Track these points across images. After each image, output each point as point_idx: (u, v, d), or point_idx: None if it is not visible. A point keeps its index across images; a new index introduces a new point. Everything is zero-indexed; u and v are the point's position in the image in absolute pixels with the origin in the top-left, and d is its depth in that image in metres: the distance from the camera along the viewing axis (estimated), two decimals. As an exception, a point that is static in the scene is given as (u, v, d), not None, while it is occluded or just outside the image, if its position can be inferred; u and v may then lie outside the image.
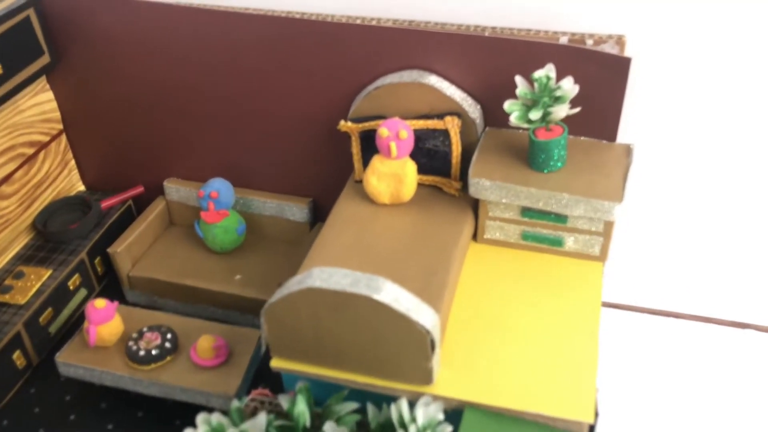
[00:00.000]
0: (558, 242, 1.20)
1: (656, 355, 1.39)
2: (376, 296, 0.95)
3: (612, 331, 1.44)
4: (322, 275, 0.98)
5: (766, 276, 1.41)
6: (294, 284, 1.00)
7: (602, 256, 1.19)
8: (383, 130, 1.18)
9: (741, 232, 1.36)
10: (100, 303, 1.28)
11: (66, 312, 1.44)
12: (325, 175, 1.45)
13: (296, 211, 1.49)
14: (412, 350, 0.98)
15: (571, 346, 1.06)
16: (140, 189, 1.62)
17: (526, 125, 1.12)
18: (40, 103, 1.51)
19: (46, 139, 1.54)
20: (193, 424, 1.01)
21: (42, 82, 1.50)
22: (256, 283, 1.43)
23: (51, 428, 1.29)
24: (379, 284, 0.96)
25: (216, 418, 0.98)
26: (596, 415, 1.02)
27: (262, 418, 1.01)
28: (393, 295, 0.96)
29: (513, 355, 1.05)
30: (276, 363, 1.08)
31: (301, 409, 1.02)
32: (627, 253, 1.43)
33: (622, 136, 1.22)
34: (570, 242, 1.19)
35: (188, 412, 1.27)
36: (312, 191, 1.49)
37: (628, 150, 1.20)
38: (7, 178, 1.45)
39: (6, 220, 1.46)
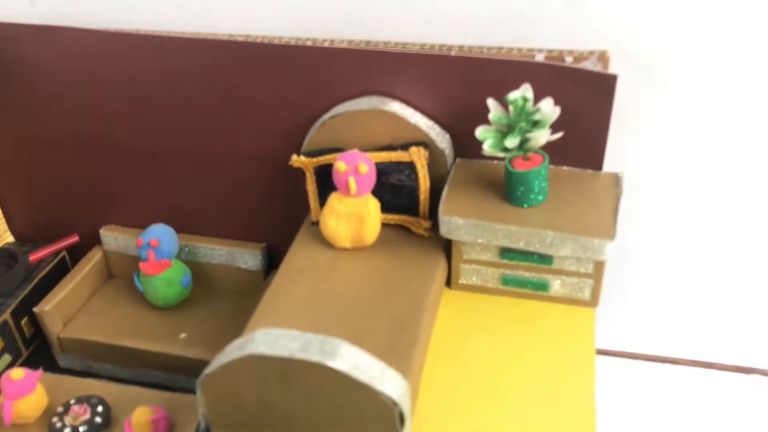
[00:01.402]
0: (543, 286, 1.05)
1: (656, 405, 1.25)
2: (331, 363, 0.79)
3: (607, 380, 1.29)
4: (266, 339, 0.82)
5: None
6: (234, 350, 0.84)
7: (593, 301, 1.05)
8: (340, 165, 1.03)
9: (744, 271, 1.23)
10: (17, 374, 1.11)
11: (-14, 384, 1.26)
12: (280, 217, 1.29)
13: (248, 258, 1.33)
14: (376, 426, 0.82)
15: (564, 410, 0.91)
16: (75, 238, 1.45)
17: (501, 154, 0.98)
18: (-43, 146, 1.34)
19: (-34, 185, 1.37)
20: None
21: (-41, 121, 1.34)
22: (203, 342, 1.26)
23: None
24: (334, 348, 0.81)
25: None
26: (598, 492, 0.86)
27: None
28: (352, 360, 0.80)
29: (499, 422, 0.90)
30: (218, 441, 0.91)
31: (248, 499, 0.85)
32: (619, 295, 1.28)
33: (608, 165, 1.09)
34: (556, 286, 1.04)
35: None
36: (266, 236, 1.34)
37: (616, 179, 1.06)
38: None
39: None
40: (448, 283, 1.10)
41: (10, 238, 1.49)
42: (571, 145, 1.05)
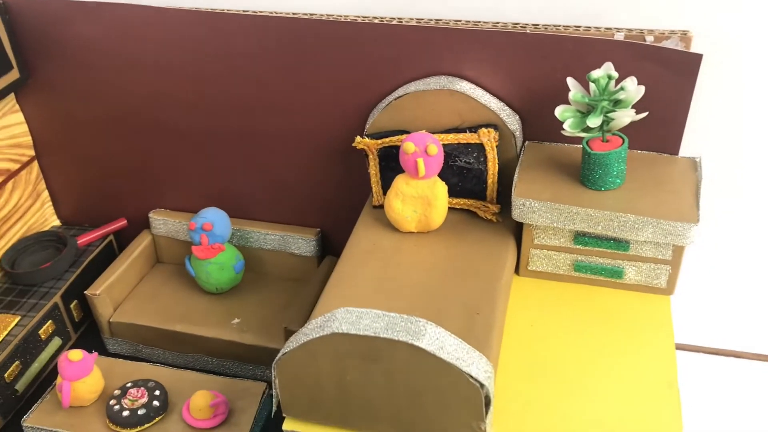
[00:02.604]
0: (617, 273, 1.02)
1: (731, 400, 1.21)
2: (418, 343, 0.76)
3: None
4: (349, 318, 0.79)
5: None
6: (313, 329, 0.81)
7: (669, 288, 1.01)
8: (409, 146, 1.00)
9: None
10: (76, 355, 1.08)
11: (36, 366, 1.24)
12: (336, 201, 1.27)
13: (302, 243, 1.30)
14: (461, 408, 0.79)
15: (648, 399, 0.87)
16: (123, 222, 1.42)
17: (582, 134, 0.95)
18: (8, 126, 1.32)
19: (16, 166, 1.35)
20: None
21: (11, 101, 1.32)
22: (256, 328, 1.23)
23: (16, 506, 1.09)
24: (420, 327, 0.78)
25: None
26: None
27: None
28: (438, 341, 0.77)
29: (578, 412, 0.87)
30: (290, 425, 0.88)
31: (323, 484, 0.83)
32: (687, 287, 1.25)
33: (683, 149, 1.06)
34: (631, 273, 1.01)
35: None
36: (320, 221, 1.31)
37: (694, 164, 1.03)
38: (-30, 210, 1.27)
39: (-33, 260, 1.27)
40: (517, 269, 1.07)
41: (57, 222, 1.47)
42: (649, 128, 1.01)
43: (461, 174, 1.07)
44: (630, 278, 1.02)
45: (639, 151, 1.05)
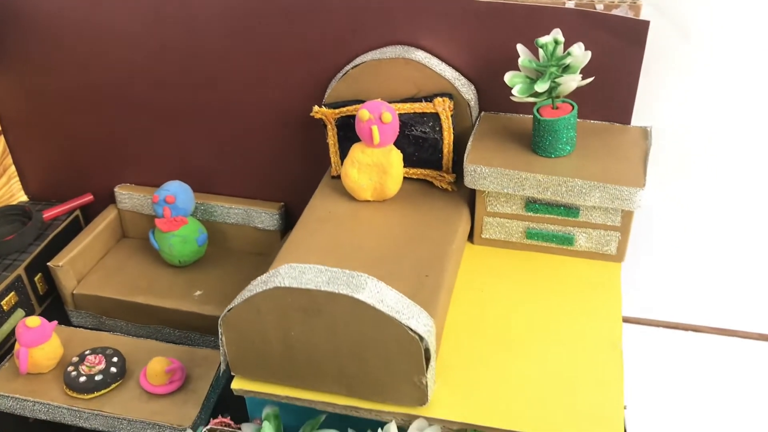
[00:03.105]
0: (568, 240, 1.03)
1: (679, 372, 1.22)
2: (358, 295, 0.77)
3: (629, 348, 1.28)
4: (292, 273, 0.81)
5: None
6: (258, 285, 0.82)
7: (619, 255, 1.03)
8: (364, 113, 1.02)
9: (766, 236, 1.21)
10: (34, 321, 1.09)
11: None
12: (299, 175, 1.28)
13: (265, 217, 1.31)
14: (402, 362, 0.80)
15: (591, 359, 0.89)
16: (89, 197, 1.43)
17: (530, 99, 0.96)
18: (-27, 100, 1.33)
19: (-19, 140, 1.36)
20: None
21: (-25, 75, 1.33)
22: (218, 301, 1.24)
23: (-27, 471, 1.10)
24: (361, 281, 0.79)
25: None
26: (627, 436, 0.84)
27: (221, 448, 0.82)
28: (378, 295, 0.79)
29: (523, 370, 0.88)
30: (238, 384, 0.89)
31: (268, 439, 0.84)
32: (641, 260, 1.26)
33: (635, 119, 1.07)
34: (582, 240, 1.03)
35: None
36: (283, 195, 1.32)
37: (645, 133, 1.05)
38: (-67, 182, 1.27)
39: (-70, 231, 1.28)
40: (471, 238, 1.08)
41: (24, 197, 1.47)
42: (601, 98, 1.03)
43: (417, 143, 1.08)
44: (581, 245, 1.03)
45: (592, 122, 1.07)
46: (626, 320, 1.33)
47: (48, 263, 1.28)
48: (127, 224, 1.41)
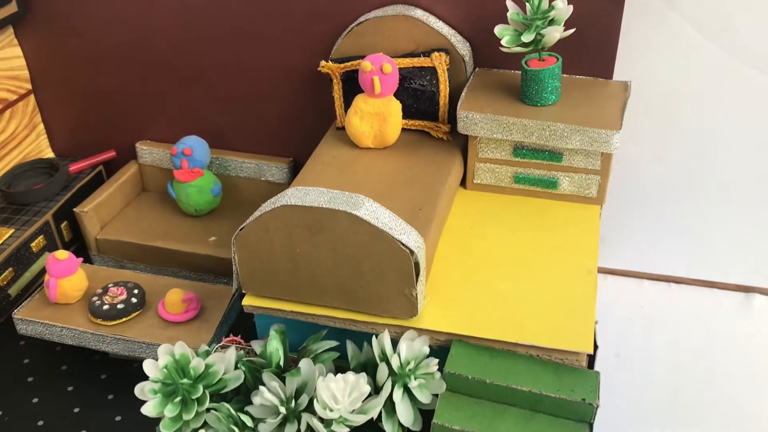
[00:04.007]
0: (552, 184, 1.12)
1: (660, 322, 1.30)
2: (356, 212, 0.87)
3: (614, 298, 1.36)
4: (297, 194, 0.90)
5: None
6: (267, 205, 0.92)
7: (600, 198, 1.12)
8: (366, 64, 1.11)
9: (748, 190, 1.29)
10: (62, 254, 1.19)
11: (28, 275, 1.35)
12: (306, 132, 1.37)
13: (275, 171, 1.41)
14: (394, 276, 0.90)
15: (567, 280, 0.98)
16: (112, 153, 1.53)
17: (517, 49, 1.05)
18: (7, 58, 1.43)
19: (13, 97, 1.46)
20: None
21: (9, 35, 1.43)
22: (230, 245, 1.33)
23: (7, 390, 1.19)
24: (358, 201, 0.89)
25: (179, 349, 0.89)
26: (595, 347, 0.93)
27: (231, 352, 0.92)
28: (374, 213, 0.88)
29: (505, 289, 0.97)
30: (249, 301, 0.99)
31: (275, 347, 0.93)
32: (624, 214, 1.35)
33: (619, 76, 1.16)
34: (565, 183, 1.12)
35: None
36: (292, 151, 1.42)
37: (625, 86, 1.14)
38: (-31, 133, 1.38)
39: (-34, 178, 1.38)
40: (464, 184, 1.17)
41: (51, 154, 1.58)
42: (583, 53, 1.12)
43: (416, 96, 1.18)
44: (564, 188, 1.12)
45: (576, 76, 1.16)
46: (611, 272, 1.42)
47: (74, 209, 1.38)
48: (147, 178, 1.51)
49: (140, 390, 0.87)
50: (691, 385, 1.19)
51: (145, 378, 0.89)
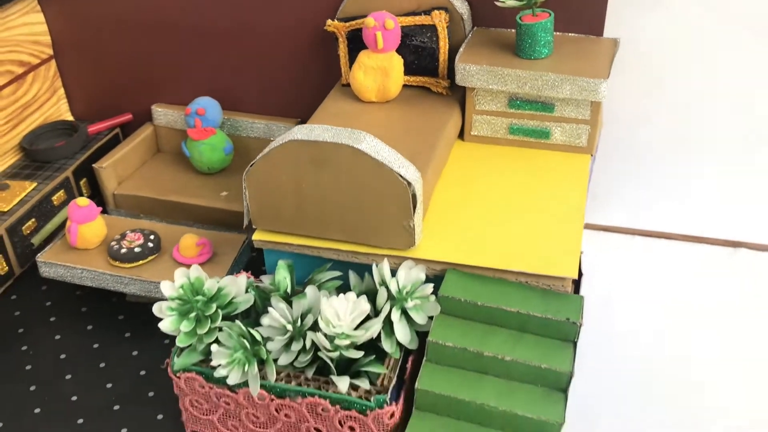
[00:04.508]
0: (545, 134, 1.19)
1: (649, 277, 1.36)
2: (357, 145, 0.94)
3: (605, 254, 1.43)
4: (303, 130, 0.97)
5: (758, 194, 1.40)
6: (275, 143, 0.99)
7: (589, 147, 1.18)
8: (369, 21, 1.18)
9: (735, 145, 1.35)
10: (83, 201, 1.27)
11: (50, 227, 1.42)
12: (314, 92, 1.44)
13: (284, 131, 1.48)
14: (393, 207, 0.97)
15: (556, 216, 1.05)
16: (128, 116, 1.61)
17: (511, 3, 1.12)
18: (30, 24, 1.51)
19: (36, 61, 1.54)
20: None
21: (33, 1, 1.51)
22: (242, 199, 1.41)
23: (31, 328, 1.27)
24: (360, 136, 0.95)
25: (195, 272, 0.96)
26: (580, 274, 0.99)
27: (242, 278, 0.99)
28: (375, 147, 0.95)
29: (498, 225, 1.04)
30: (258, 236, 1.06)
31: (283, 275, 1.00)
32: (615, 171, 1.41)
33: (608, 34, 1.23)
34: (557, 134, 1.18)
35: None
36: (300, 111, 1.48)
37: (614, 42, 1.20)
38: (-5, 93, 1.46)
39: (-8, 135, 1.46)
40: (462, 136, 1.24)
41: (70, 118, 1.65)
42: (574, 10, 1.19)
43: (417, 52, 1.24)
44: (556, 138, 1.18)
45: (568, 34, 1.22)
46: (603, 229, 1.48)
47: (93, 165, 1.45)
48: (162, 140, 1.58)
49: (158, 308, 0.94)
50: (678, 337, 1.25)
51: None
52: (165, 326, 0.93)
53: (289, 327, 0.93)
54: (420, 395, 0.92)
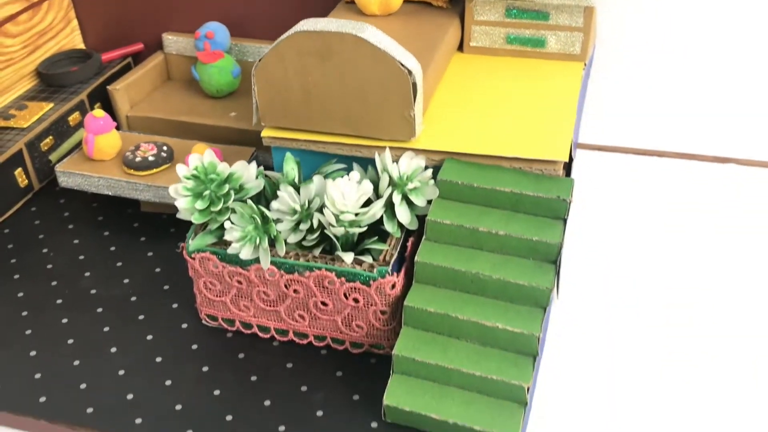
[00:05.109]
0: (541, 42, 1.24)
1: (641, 193, 1.41)
2: (362, 34, 0.99)
3: (596, 172, 1.48)
4: (309, 22, 1.03)
5: (746, 110, 1.45)
6: (282, 36, 1.04)
7: (583, 55, 1.23)
8: (372, -65, 1.23)
9: (725, 63, 1.40)
10: (99, 113, 1.32)
11: (66, 146, 1.48)
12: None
13: (290, 55, 1.53)
14: (395, 97, 1.02)
15: (548, 110, 1.10)
16: (140, 46, 1.66)
17: None
18: (43, -47, 1.56)
19: (50, -10, 1.59)
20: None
21: (46, -69, 1.56)
22: (250, 118, 1.46)
23: (50, 235, 1.33)
24: (364, 26, 1.01)
25: (208, 156, 1.02)
26: (571, 160, 1.05)
27: (252, 165, 1.05)
28: (378, 37, 1.00)
29: (493, 117, 1.10)
30: (267, 133, 1.12)
31: (290, 166, 1.06)
32: (608, 93, 1.47)
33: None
34: (552, 42, 1.23)
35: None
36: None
37: (607, -46, 1.25)
38: (13, 17, 1.50)
39: (10, 59, 1.51)
40: (461, 48, 1.29)
41: (83, 47, 1.71)
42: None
43: (418, -32, 1.30)
44: (551, 47, 1.24)
45: (564, -52, 1.27)
46: (598, 148, 1.54)
47: (107, 86, 1.51)
48: (172, 67, 1.64)
49: (174, 190, 1.00)
50: (670, 249, 1.30)
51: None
52: (181, 205, 0.99)
53: (297, 208, 0.99)
54: (419, 267, 0.98)
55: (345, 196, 0.97)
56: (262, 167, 1.07)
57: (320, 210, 1.01)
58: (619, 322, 1.13)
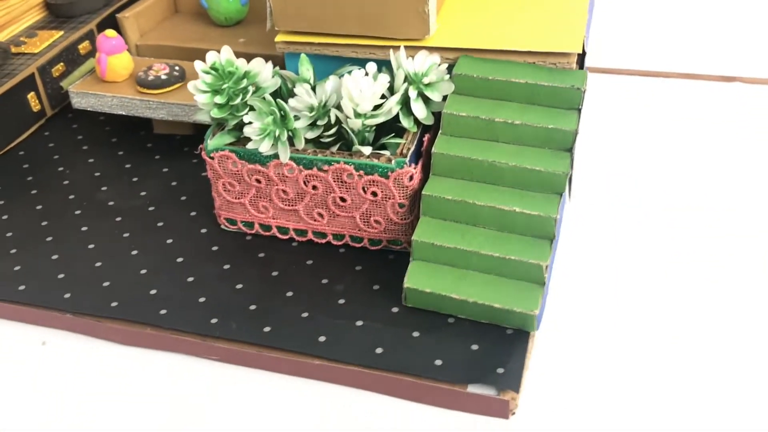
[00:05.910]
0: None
1: (649, 115, 1.43)
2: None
3: (603, 95, 1.50)
4: None
5: (750, 28, 1.46)
6: (297, -64, 1.05)
7: (592, -36, 1.24)
8: None
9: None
10: (112, 33, 1.33)
11: (76, 74, 1.49)
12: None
13: (298, -18, 1.54)
14: (408, -5, 1.03)
15: (561, 7, 1.11)
16: (147, -22, 1.66)
17: None
18: None
19: None
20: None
21: None
22: (258, 43, 1.48)
23: (65, 155, 1.35)
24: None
25: (225, 53, 1.03)
26: (583, 53, 1.06)
27: (269, 65, 1.06)
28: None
29: (507, 14, 1.11)
30: (281, 38, 1.13)
31: (306, 67, 1.07)
32: (613, 15, 1.48)
33: None
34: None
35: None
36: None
37: None
38: (20, -53, 1.51)
39: (18, -12, 1.52)
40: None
41: (90, -16, 1.71)
42: None
43: None
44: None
45: None
46: (603, 71, 1.55)
47: (117, 15, 1.51)
48: (180, 1, 1.65)
49: (193, 86, 1.02)
50: (677, 169, 1.32)
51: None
52: (200, 100, 1.00)
53: (315, 104, 1.00)
54: (436, 159, 0.99)
55: (362, 90, 0.98)
56: (278, 67, 1.09)
57: (337, 107, 1.02)
58: (625, 223, 1.15)
